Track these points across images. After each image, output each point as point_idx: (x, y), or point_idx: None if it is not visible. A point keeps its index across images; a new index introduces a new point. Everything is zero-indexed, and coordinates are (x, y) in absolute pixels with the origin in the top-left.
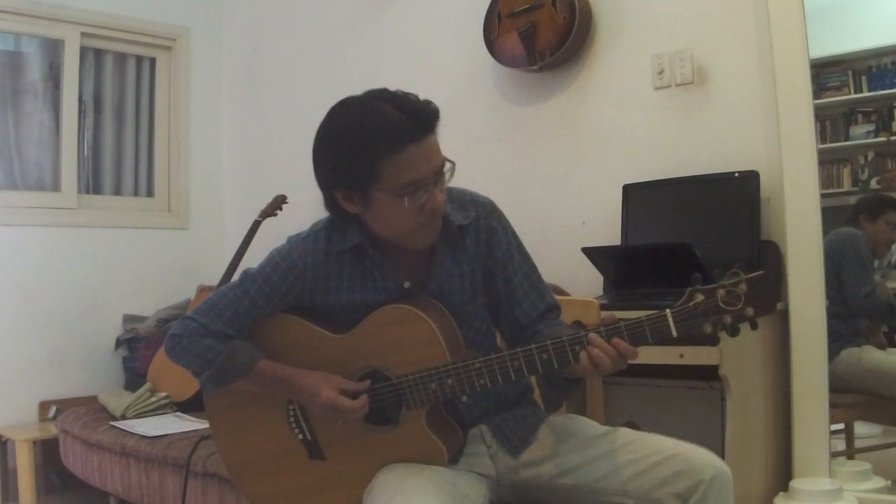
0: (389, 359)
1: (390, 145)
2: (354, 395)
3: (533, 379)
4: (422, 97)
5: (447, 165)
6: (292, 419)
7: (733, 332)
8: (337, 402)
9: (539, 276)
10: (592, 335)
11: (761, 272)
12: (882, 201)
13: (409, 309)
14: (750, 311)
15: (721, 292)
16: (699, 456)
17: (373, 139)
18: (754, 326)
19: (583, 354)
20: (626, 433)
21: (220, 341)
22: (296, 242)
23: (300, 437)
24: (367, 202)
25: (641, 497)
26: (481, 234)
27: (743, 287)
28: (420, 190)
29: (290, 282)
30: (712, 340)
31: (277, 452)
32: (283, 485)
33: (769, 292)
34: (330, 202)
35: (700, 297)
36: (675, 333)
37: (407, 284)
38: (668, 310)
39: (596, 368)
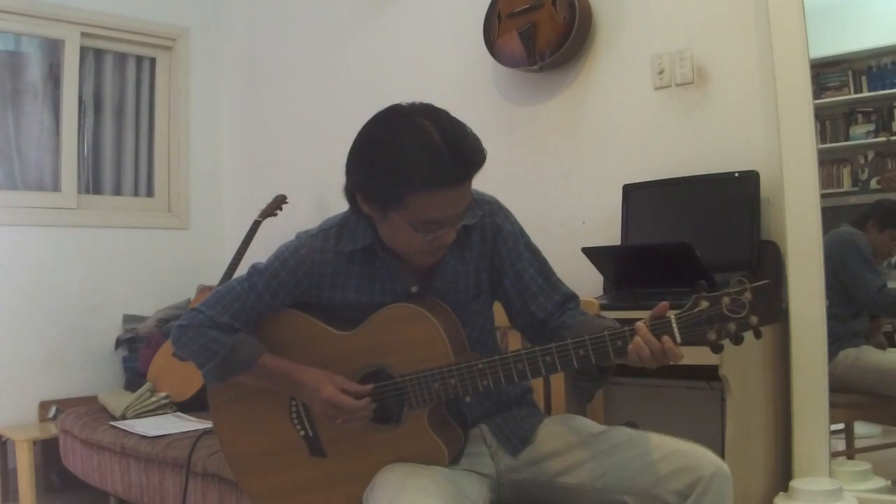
0: (394, 357)
1: (426, 183)
2: (357, 397)
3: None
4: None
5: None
6: (294, 415)
7: (737, 340)
8: (338, 400)
9: (551, 270)
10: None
11: (766, 281)
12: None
13: (415, 308)
14: (754, 319)
15: (726, 300)
16: (698, 453)
17: (411, 171)
18: (758, 335)
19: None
20: (624, 431)
21: (225, 334)
22: (305, 239)
23: (302, 433)
24: (383, 216)
25: (641, 494)
26: (487, 232)
27: (748, 295)
28: (437, 227)
29: (298, 278)
30: (716, 348)
31: (279, 448)
32: (284, 481)
33: (774, 301)
34: (349, 195)
35: (705, 304)
36: (679, 340)
37: (415, 289)
38: (672, 316)
39: (640, 361)
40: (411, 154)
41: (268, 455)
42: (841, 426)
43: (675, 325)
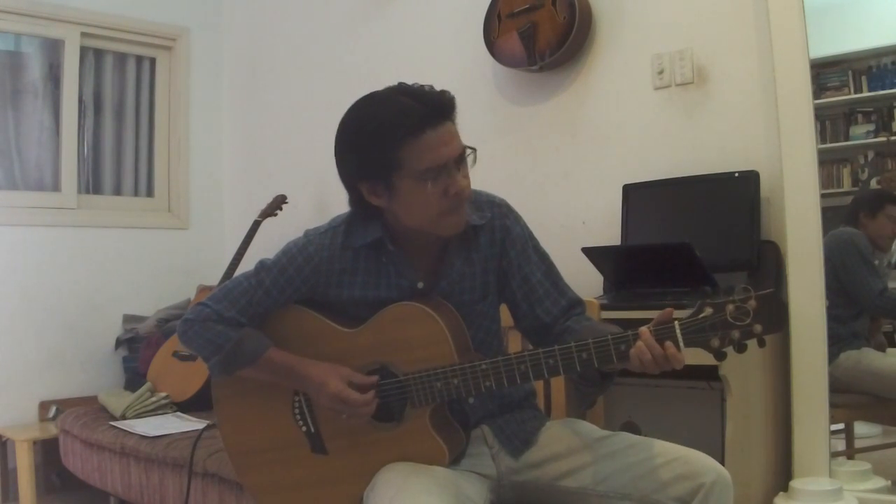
0: (397, 356)
1: (408, 131)
2: (362, 389)
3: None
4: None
5: (468, 152)
6: (297, 411)
7: (740, 347)
8: (345, 393)
9: (558, 275)
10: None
11: (771, 290)
12: (881, 196)
13: (420, 307)
14: (758, 327)
15: (730, 307)
16: (700, 460)
17: (390, 127)
18: (762, 344)
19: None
20: (626, 437)
21: (231, 328)
22: (313, 236)
23: (304, 429)
24: (392, 191)
25: (642, 500)
26: (496, 234)
27: (752, 303)
28: (442, 174)
29: (305, 275)
30: (719, 355)
31: (280, 444)
32: (285, 477)
33: (778, 310)
34: (355, 197)
35: (709, 311)
36: (682, 345)
37: (421, 285)
38: (676, 321)
39: (641, 366)
40: (384, 116)
41: (269, 451)
42: (841, 426)
43: (678, 331)
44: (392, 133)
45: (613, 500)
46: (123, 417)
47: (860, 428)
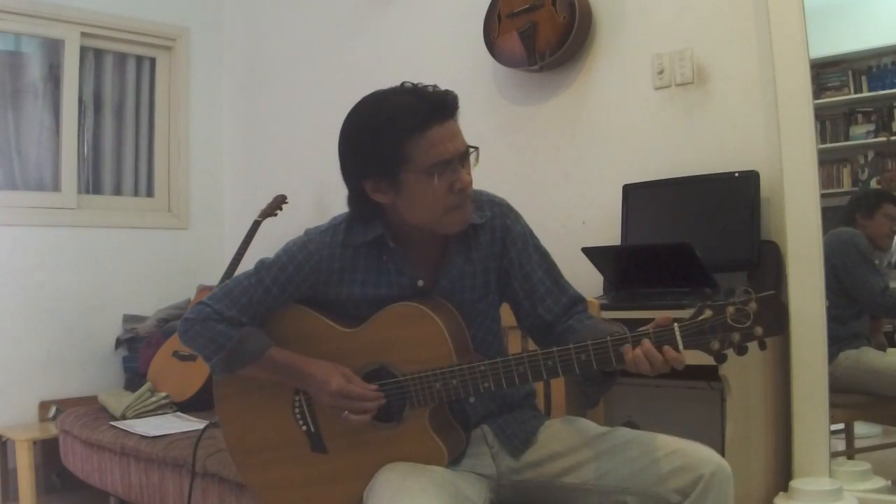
0: (397, 356)
1: (415, 126)
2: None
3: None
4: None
5: (471, 150)
6: (297, 410)
7: (741, 350)
8: (347, 388)
9: (559, 273)
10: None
11: (772, 292)
12: (878, 195)
13: (419, 308)
14: (759, 330)
15: (731, 309)
16: (699, 452)
17: (396, 122)
18: (763, 347)
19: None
20: (625, 431)
21: (232, 327)
22: (314, 234)
23: (304, 428)
24: (398, 187)
25: (642, 493)
26: (496, 233)
27: (753, 306)
28: (448, 169)
29: (305, 273)
30: (719, 358)
31: (281, 443)
32: (284, 475)
33: (780, 312)
34: (357, 196)
35: (709, 313)
36: (681, 348)
37: (421, 283)
38: (675, 323)
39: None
40: (390, 112)
41: (270, 449)
42: (841, 426)
43: (677, 334)
44: (398, 128)
45: (614, 494)
46: (123, 417)
47: (860, 428)
